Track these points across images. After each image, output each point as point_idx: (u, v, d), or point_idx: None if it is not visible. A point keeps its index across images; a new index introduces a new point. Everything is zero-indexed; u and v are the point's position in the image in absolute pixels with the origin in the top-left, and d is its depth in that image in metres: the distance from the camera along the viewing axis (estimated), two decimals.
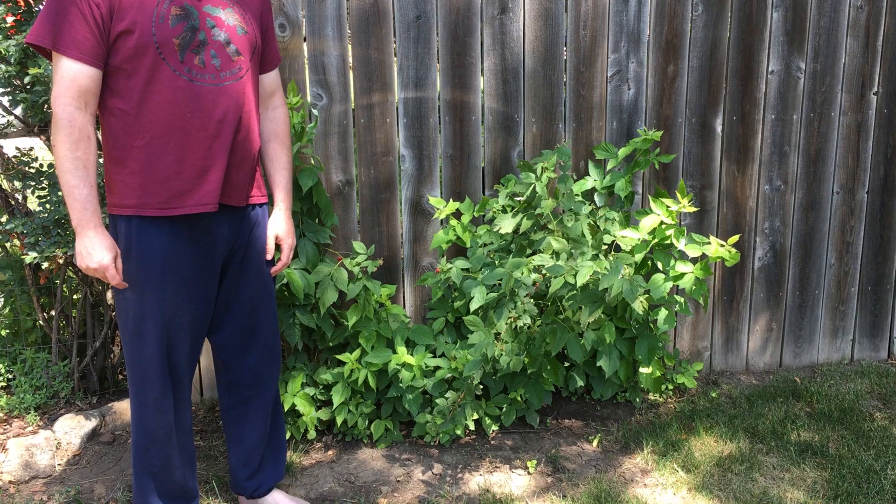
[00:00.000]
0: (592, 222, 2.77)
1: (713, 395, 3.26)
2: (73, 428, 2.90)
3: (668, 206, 2.74)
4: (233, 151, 2.14)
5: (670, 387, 3.23)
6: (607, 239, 2.71)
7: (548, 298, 2.73)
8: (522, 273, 2.52)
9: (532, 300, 2.54)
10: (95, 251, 1.99)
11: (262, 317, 2.35)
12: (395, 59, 3.02)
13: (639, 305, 2.41)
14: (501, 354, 2.47)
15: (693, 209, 2.70)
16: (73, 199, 1.95)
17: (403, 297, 3.20)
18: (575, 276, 2.46)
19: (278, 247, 2.38)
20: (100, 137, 2.41)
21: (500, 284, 2.62)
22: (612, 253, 2.76)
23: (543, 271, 2.53)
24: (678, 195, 2.69)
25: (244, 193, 2.21)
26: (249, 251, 2.28)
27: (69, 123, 1.92)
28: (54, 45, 1.91)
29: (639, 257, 2.69)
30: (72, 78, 1.92)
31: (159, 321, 2.12)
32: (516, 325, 2.50)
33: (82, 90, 1.94)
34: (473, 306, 2.53)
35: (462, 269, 2.75)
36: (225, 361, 2.35)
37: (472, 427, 2.87)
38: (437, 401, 2.71)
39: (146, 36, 1.97)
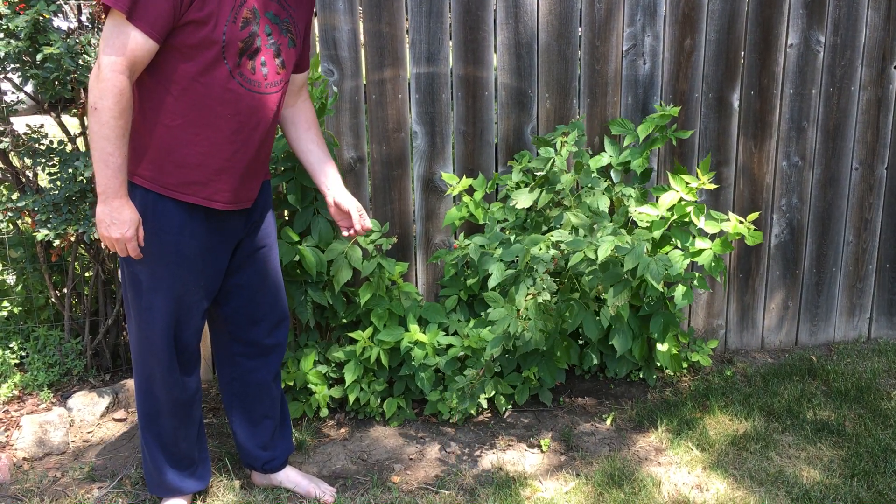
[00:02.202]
0: (610, 198, 2.73)
1: (728, 373, 3.23)
2: (86, 405, 2.90)
3: (687, 183, 2.70)
4: (253, 158, 2.15)
5: (685, 365, 3.20)
6: (631, 214, 2.68)
7: (564, 275, 2.70)
8: (540, 249, 2.49)
9: (550, 277, 2.51)
10: (119, 222, 1.97)
11: (270, 289, 2.35)
12: (407, 33, 2.98)
13: (660, 285, 2.39)
14: (524, 331, 2.45)
15: (713, 186, 2.66)
16: (105, 166, 1.92)
17: (416, 275, 3.18)
18: (595, 251, 2.43)
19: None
20: None
21: (517, 261, 2.60)
22: (629, 229, 2.73)
23: (562, 247, 2.50)
24: (699, 172, 2.65)
25: (253, 196, 2.22)
26: (258, 225, 2.29)
27: (120, 92, 1.88)
28: (130, 15, 1.85)
29: (657, 234, 2.65)
30: (133, 48, 1.88)
31: (170, 296, 2.12)
32: (532, 302, 2.48)
33: (137, 61, 1.91)
34: (491, 283, 2.50)
35: (479, 246, 2.72)
36: (232, 332, 2.35)
37: (485, 405, 2.86)
38: (456, 378, 2.70)
39: (217, 33, 1.95)
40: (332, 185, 2.32)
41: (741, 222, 2.65)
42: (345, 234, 2.37)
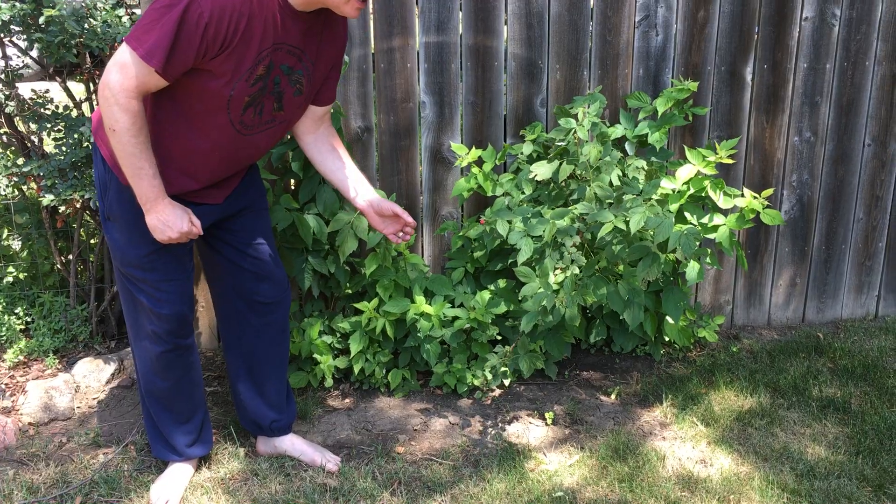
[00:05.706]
0: (623, 170, 2.70)
1: (734, 349, 3.22)
2: (91, 371, 2.91)
3: (704, 157, 2.67)
4: (232, 175, 2.22)
5: (691, 340, 3.19)
6: (662, 186, 2.62)
7: (582, 248, 2.67)
8: (566, 222, 2.46)
9: (577, 250, 2.49)
10: (172, 222, 2.04)
11: (268, 247, 2.38)
12: (417, 2, 2.94)
13: (688, 258, 2.37)
14: (558, 306, 2.43)
15: (731, 161, 2.62)
16: (139, 179, 1.97)
17: (422, 247, 3.16)
18: (626, 222, 2.40)
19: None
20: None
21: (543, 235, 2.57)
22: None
23: (587, 220, 2.47)
24: (715, 145, 2.61)
25: (226, 194, 2.25)
26: (245, 201, 2.32)
27: (133, 115, 1.90)
28: (148, 58, 1.84)
29: (674, 208, 2.62)
30: (147, 81, 1.88)
31: (144, 258, 2.16)
32: (566, 276, 2.46)
33: (147, 89, 1.92)
34: (521, 259, 2.48)
35: (506, 220, 2.69)
36: (237, 288, 2.37)
37: (489, 377, 2.85)
38: (488, 356, 2.70)
39: (228, 89, 1.96)
40: (365, 195, 2.29)
41: (755, 198, 2.62)
42: (394, 239, 2.33)
